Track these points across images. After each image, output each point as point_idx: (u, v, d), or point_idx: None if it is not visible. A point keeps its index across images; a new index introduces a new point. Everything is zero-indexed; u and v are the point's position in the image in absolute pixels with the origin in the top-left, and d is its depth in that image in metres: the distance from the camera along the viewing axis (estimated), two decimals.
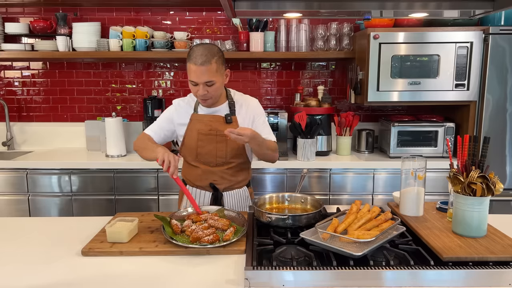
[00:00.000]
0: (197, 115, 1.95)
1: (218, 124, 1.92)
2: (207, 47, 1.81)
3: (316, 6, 1.59)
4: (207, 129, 1.92)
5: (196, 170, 1.97)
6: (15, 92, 3.43)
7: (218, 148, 1.93)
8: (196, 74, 1.77)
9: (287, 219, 1.57)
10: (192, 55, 1.78)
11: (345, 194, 2.92)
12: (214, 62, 1.78)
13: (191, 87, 1.84)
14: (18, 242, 1.59)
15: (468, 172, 1.43)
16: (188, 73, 1.82)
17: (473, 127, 2.89)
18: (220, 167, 1.95)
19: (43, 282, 1.28)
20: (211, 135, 1.92)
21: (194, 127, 1.94)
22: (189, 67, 1.80)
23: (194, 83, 1.81)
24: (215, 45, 1.88)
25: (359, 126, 3.30)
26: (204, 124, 1.93)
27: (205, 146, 1.93)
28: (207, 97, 1.84)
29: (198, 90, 1.81)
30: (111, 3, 3.25)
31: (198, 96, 1.85)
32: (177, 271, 1.34)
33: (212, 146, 1.93)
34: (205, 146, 1.93)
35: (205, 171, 1.95)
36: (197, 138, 1.93)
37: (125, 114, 3.43)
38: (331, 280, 1.24)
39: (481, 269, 1.25)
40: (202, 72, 1.77)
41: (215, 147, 1.93)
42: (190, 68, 1.79)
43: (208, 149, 1.93)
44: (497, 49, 2.76)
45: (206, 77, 1.78)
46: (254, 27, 3.11)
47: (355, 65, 3.04)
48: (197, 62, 1.76)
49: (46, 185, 2.90)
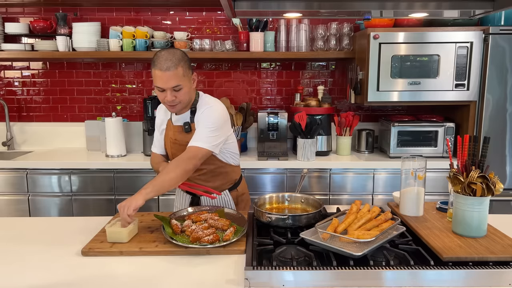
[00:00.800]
0: (169, 122, 1.97)
1: (180, 134, 1.90)
2: (172, 52, 1.75)
3: (316, 6, 1.59)
4: (173, 138, 1.93)
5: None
6: (15, 92, 3.43)
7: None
8: (162, 80, 1.72)
9: (287, 219, 1.57)
10: (157, 61, 1.72)
11: (345, 194, 2.91)
12: (180, 66, 1.74)
13: (158, 94, 1.79)
14: (18, 242, 1.59)
15: (468, 172, 1.43)
16: (154, 79, 1.77)
17: (473, 127, 2.89)
18: (198, 172, 1.90)
19: (43, 282, 1.28)
20: (176, 144, 1.92)
21: (168, 134, 1.96)
22: (154, 73, 1.74)
23: (161, 89, 1.75)
24: (179, 50, 1.81)
25: (359, 126, 3.30)
26: (172, 133, 1.94)
27: (176, 153, 1.91)
28: (175, 102, 1.79)
29: (165, 97, 1.76)
30: (111, 3, 3.25)
31: (165, 102, 1.80)
32: (177, 271, 1.34)
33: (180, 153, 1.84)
34: (176, 153, 1.90)
35: None
36: (170, 146, 1.95)
37: (125, 114, 3.43)
38: (331, 280, 1.24)
39: (481, 269, 1.25)
40: (168, 77, 1.72)
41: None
42: (155, 74, 1.73)
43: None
44: (497, 49, 2.76)
45: (173, 82, 1.73)
46: (254, 27, 3.11)
47: (355, 65, 3.04)
48: (162, 68, 1.71)
49: (46, 185, 2.90)
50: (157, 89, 1.79)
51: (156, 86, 1.77)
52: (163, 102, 1.83)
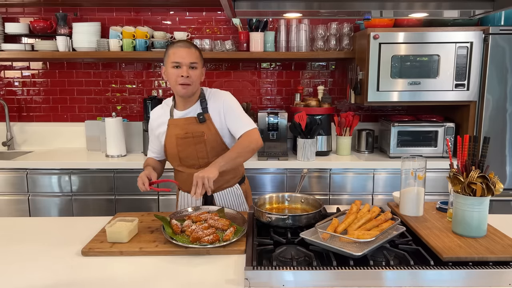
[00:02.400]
0: (173, 120, 1.94)
1: (193, 125, 1.91)
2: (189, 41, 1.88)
3: (316, 6, 1.59)
4: (183, 132, 1.91)
5: (182, 174, 1.98)
6: (15, 92, 3.43)
7: (197, 149, 1.91)
8: (182, 54, 1.81)
9: (287, 219, 1.57)
10: (175, 43, 1.86)
11: (345, 194, 2.92)
12: (198, 51, 1.87)
13: (172, 73, 1.83)
14: (18, 242, 1.59)
15: (468, 172, 1.43)
16: (169, 58, 1.83)
17: (473, 127, 2.89)
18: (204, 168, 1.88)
19: (43, 282, 1.28)
20: (188, 138, 1.91)
21: (172, 133, 1.93)
22: (171, 51, 1.82)
23: (177, 64, 1.81)
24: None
25: (359, 126, 3.30)
26: (180, 128, 1.92)
27: (185, 150, 1.92)
28: (189, 81, 1.82)
29: (181, 73, 1.81)
30: (111, 3, 3.25)
31: (179, 81, 1.82)
32: (177, 271, 1.34)
33: (192, 148, 1.91)
34: (185, 149, 1.92)
35: (191, 174, 1.88)
36: (176, 143, 1.92)
37: (125, 114, 3.43)
38: (331, 280, 1.24)
39: (481, 269, 1.25)
40: (188, 53, 1.81)
41: (195, 149, 1.92)
42: (173, 51, 1.82)
43: (188, 152, 1.92)
44: (497, 49, 2.76)
45: (191, 58, 1.81)
46: (254, 27, 3.11)
47: (355, 65, 3.04)
48: (182, 45, 1.83)
49: (46, 185, 2.90)
50: (171, 67, 1.83)
51: (172, 62, 1.82)
52: (175, 81, 1.84)
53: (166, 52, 1.87)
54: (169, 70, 1.85)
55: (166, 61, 1.87)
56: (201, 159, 1.93)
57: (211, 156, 1.92)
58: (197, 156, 1.92)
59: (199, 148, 1.91)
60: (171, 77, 1.85)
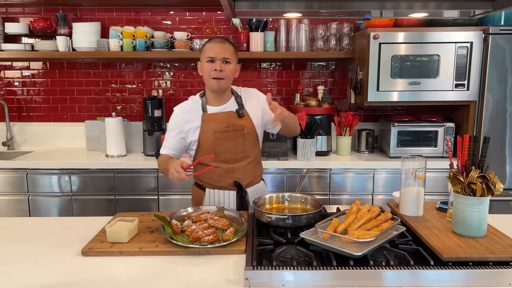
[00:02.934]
0: (209, 114, 1.93)
1: (233, 119, 1.93)
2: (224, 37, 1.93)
3: (316, 6, 1.59)
4: (223, 126, 1.91)
5: (217, 170, 1.92)
6: (15, 92, 3.43)
7: (236, 143, 1.93)
8: (217, 49, 1.85)
9: (287, 219, 1.57)
10: (212, 39, 1.90)
11: (345, 194, 2.92)
12: (233, 47, 1.91)
13: (207, 67, 1.87)
14: (18, 242, 1.59)
15: (468, 172, 1.43)
16: (203, 55, 1.89)
17: (473, 127, 2.89)
18: (240, 163, 1.94)
19: (43, 282, 1.28)
20: (229, 132, 1.91)
21: (208, 127, 1.91)
22: (207, 46, 1.88)
23: (212, 59, 1.85)
24: None
25: (359, 126, 3.30)
26: (219, 122, 1.92)
27: (223, 144, 1.91)
28: (222, 75, 1.86)
29: (215, 67, 1.85)
30: (111, 3, 3.25)
31: (212, 75, 1.86)
32: (177, 271, 1.34)
33: (231, 142, 1.92)
34: (223, 144, 1.91)
35: (227, 169, 1.93)
36: (214, 137, 1.91)
37: (125, 114, 3.43)
38: (331, 280, 1.24)
39: (481, 269, 1.25)
40: (223, 48, 1.86)
41: (234, 143, 1.92)
42: (209, 47, 1.87)
43: (227, 146, 1.92)
44: (497, 49, 2.76)
45: (225, 53, 1.86)
46: (254, 27, 3.12)
47: (355, 65, 3.04)
48: (218, 41, 1.88)
49: (46, 185, 2.90)
50: (206, 61, 1.87)
51: (207, 56, 1.86)
52: (209, 75, 1.87)
53: (202, 48, 1.92)
54: (204, 65, 1.89)
55: (201, 56, 1.91)
56: (239, 153, 1.94)
57: (248, 151, 1.95)
58: (236, 149, 1.93)
59: (238, 142, 1.93)
60: (205, 71, 1.89)
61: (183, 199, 2.90)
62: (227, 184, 1.95)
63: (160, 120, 3.12)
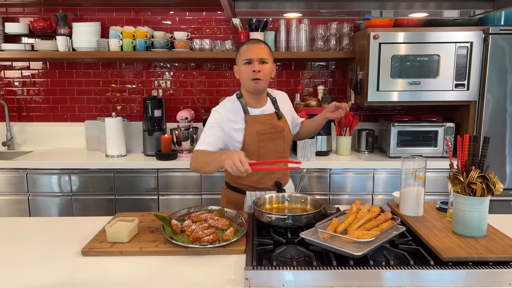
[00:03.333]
0: (252, 116, 1.94)
1: (274, 121, 1.98)
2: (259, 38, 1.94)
3: (316, 6, 1.59)
4: (267, 128, 1.94)
5: (258, 172, 1.92)
6: (15, 92, 3.43)
7: (277, 144, 1.97)
8: (254, 51, 1.86)
9: (287, 219, 1.57)
10: (248, 41, 1.93)
11: (345, 194, 2.92)
12: (268, 48, 1.92)
13: (244, 69, 1.88)
14: (18, 242, 1.59)
15: (468, 172, 1.43)
16: (239, 58, 1.90)
17: (473, 127, 2.89)
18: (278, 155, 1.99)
19: (43, 282, 1.28)
20: (271, 133, 1.95)
21: (252, 129, 1.91)
22: (244, 48, 1.89)
23: (249, 60, 1.86)
24: None
25: (359, 126, 3.30)
26: (262, 124, 1.94)
27: (266, 145, 1.94)
28: (260, 76, 1.87)
29: (253, 67, 1.86)
30: (111, 3, 3.25)
31: (250, 76, 1.87)
32: (177, 271, 1.34)
33: (272, 144, 1.96)
34: (266, 145, 1.94)
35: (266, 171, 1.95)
36: (258, 139, 1.92)
37: (125, 114, 3.44)
38: (331, 280, 1.24)
39: (481, 269, 1.25)
40: (260, 49, 1.87)
41: (275, 144, 1.96)
42: (246, 48, 1.88)
43: (269, 148, 1.95)
44: (497, 49, 2.76)
45: (262, 54, 1.87)
46: (254, 27, 3.12)
47: (355, 65, 3.04)
48: (252, 42, 1.90)
49: (46, 185, 2.90)
50: (243, 63, 1.88)
51: (244, 59, 1.88)
52: (247, 77, 1.88)
53: (237, 52, 1.93)
54: (241, 67, 1.90)
55: (238, 60, 1.93)
56: (279, 153, 1.98)
57: (285, 151, 2.01)
58: (276, 151, 1.97)
59: (278, 143, 1.97)
60: (243, 74, 1.90)
61: (183, 199, 2.90)
62: (268, 185, 1.99)
63: (160, 120, 3.12)
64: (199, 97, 3.43)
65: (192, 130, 3.08)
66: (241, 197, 2.00)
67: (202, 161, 1.79)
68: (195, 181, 2.89)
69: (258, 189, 1.99)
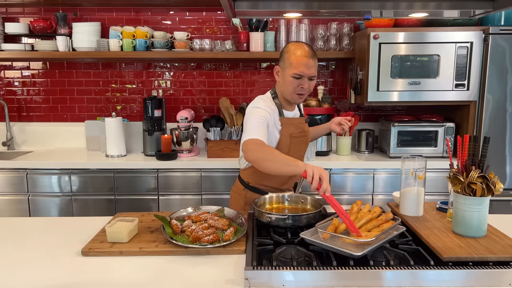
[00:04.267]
0: (287, 118, 1.95)
1: (303, 125, 2.02)
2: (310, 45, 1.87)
3: (316, 6, 1.59)
4: (298, 131, 1.96)
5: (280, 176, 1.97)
6: (15, 92, 3.43)
7: (302, 148, 2.02)
8: (307, 66, 1.79)
9: (287, 219, 1.57)
10: (300, 49, 1.80)
11: (345, 194, 2.91)
12: (317, 59, 1.85)
13: (292, 82, 1.82)
14: (18, 242, 1.59)
15: (468, 172, 1.43)
16: (290, 66, 1.81)
17: (473, 127, 2.89)
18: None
19: (43, 282, 1.28)
20: (301, 137, 1.97)
21: (287, 131, 1.93)
22: (295, 60, 1.79)
23: (299, 75, 1.80)
24: None
25: (359, 126, 3.30)
26: (295, 127, 1.95)
27: (294, 148, 1.96)
28: (306, 92, 1.87)
29: (301, 84, 1.82)
30: (111, 3, 3.25)
31: (297, 91, 1.84)
32: (177, 271, 1.34)
33: (298, 147, 1.99)
34: (294, 148, 1.97)
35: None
36: (290, 141, 1.94)
37: (125, 114, 3.44)
38: (331, 280, 1.24)
39: (481, 269, 1.25)
40: (313, 64, 1.81)
41: (300, 148, 2.01)
42: (298, 60, 1.79)
43: (294, 151, 1.97)
44: (497, 49, 2.76)
45: (314, 70, 1.83)
46: (254, 27, 3.11)
47: (355, 65, 3.04)
48: (309, 55, 1.79)
49: (46, 185, 2.90)
50: (292, 77, 1.81)
51: (295, 73, 1.80)
52: (294, 90, 1.84)
53: (288, 56, 1.82)
54: (288, 78, 1.83)
55: (285, 65, 1.83)
56: (301, 157, 2.03)
57: (304, 155, 2.09)
58: (300, 154, 2.01)
59: (303, 147, 2.03)
60: (289, 85, 1.84)
61: (183, 199, 2.90)
62: (289, 186, 2.05)
63: (160, 120, 3.12)
64: (199, 97, 3.43)
65: (192, 130, 3.08)
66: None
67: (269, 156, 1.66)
68: (195, 181, 2.89)
69: (281, 190, 2.01)
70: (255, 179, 2.00)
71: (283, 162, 1.62)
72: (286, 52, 1.85)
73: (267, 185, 1.99)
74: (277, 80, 1.92)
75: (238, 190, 2.07)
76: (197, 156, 3.07)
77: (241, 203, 2.05)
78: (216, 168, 2.89)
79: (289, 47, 1.85)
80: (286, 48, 1.87)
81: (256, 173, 1.93)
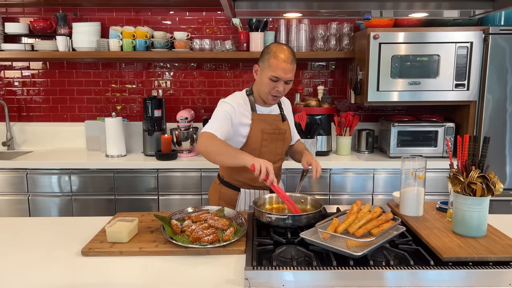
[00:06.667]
0: (259, 114, 1.95)
1: (278, 122, 2.00)
2: (291, 49, 1.87)
3: (316, 6, 1.59)
4: (271, 128, 1.96)
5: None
6: (15, 92, 3.43)
7: (277, 146, 2.00)
8: (285, 70, 1.82)
9: (287, 219, 1.57)
10: (281, 52, 1.81)
11: (345, 194, 2.91)
12: (295, 64, 1.87)
13: (267, 84, 1.85)
14: (18, 242, 1.59)
15: (468, 172, 1.43)
16: (270, 68, 1.82)
17: (473, 127, 2.89)
18: (276, 164, 2.01)
19: (43, 282, 1.28)
20: (274, 134, 1.96)
21: (257, 127, 1.93)
22: (275, 62, 1.81)
23: (276, 78, 1.83)
24: None
25: (359, 126, 3.30)
26: (268, 123, 1.95)
27: (268, 145, 1.96)
28: (281, 94, 1.88)
29: (277, 87, 1.85)
30: (111, 3, 3.25)
31: (272, 93, 1.87)
32: (177, 271, 1.34)
33: (273, 144, 1.98)
34: (268, 145, 1.96)
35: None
36: (261, 137, 1.94)
37: (125, 114, 3.43)
38: (331, 280, 1.24)
39: (481, 269, 1.25)
40: (290, 69, 1.83)
41: (275, 145, 1.99)
42: (277, 64, 1.80)
43: (270, 148, 1.97)
44: (497, 49, 2.76)
45: (291, 75, 1.85)
46: (254, 27, 3.11)
47: (355, 65, 3.04)
48: (288, 60, 1.81)
49: (46, 185, 2.90)
50: (269, 79, 1.84)
51: (272, 75, 1.82)
52: (269, 92, 1.87)
53: (268, 57, 1.84)
54: (265, 80, 1.85)
55: (264, 66, 1.86)
56: (277, 155, 2.01)
57: (283, 153, 2.06)
58: (276, 152, 2.00)
59: (279, 145, 2.00)
60: (265, 86, 1.87)
61: (183, 199, 2.90)
62: (263, 184, 1.95)
63: (160, 120, 3.12)
64: (199, 97, 3.43)
65: (192, 130, 3.08)
66: (234, 194, 2.02)
67: (218, 149, 1.73)
68: (195, 181, 2.89)
69: (253, 187, 2.00)
70: (227, 174, 2.03)
71: (232, 155, 1.71)
72: (267, 53, 1.85)
73: (238, 179, 2.00)
74: (255, 78, 1.95)
75: (215, 185, 2.11)
76: (197, 156, 3.08)
77: (216, 198, 2.07)
78: (216, 168, 2.87)
79: (270, 48, 1.85)
80: (268, 49, 1.87)
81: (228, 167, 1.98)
